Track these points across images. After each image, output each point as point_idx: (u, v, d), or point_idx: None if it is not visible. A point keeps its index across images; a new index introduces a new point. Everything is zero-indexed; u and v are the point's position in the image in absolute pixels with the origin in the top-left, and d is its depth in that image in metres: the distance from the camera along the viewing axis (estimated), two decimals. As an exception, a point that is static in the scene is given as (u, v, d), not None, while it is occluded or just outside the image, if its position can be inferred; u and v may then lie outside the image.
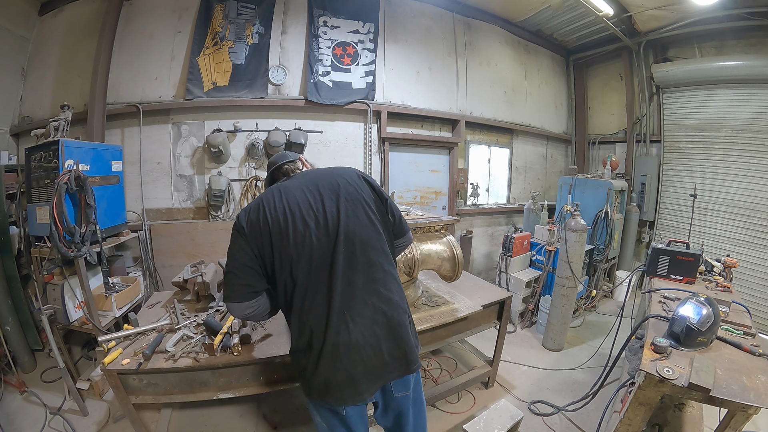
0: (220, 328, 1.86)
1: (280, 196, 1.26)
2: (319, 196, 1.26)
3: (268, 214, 1.22)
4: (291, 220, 1.21)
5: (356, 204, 1.27)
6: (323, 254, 1.20)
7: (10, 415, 2.41)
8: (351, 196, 1.28)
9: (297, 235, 1.20)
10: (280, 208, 1.23)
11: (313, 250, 1.20)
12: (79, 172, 2.34)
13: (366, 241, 1.25)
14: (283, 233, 1.20)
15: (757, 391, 1.39)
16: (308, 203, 1.24)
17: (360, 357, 1.19)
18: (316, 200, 1.25)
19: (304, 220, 1.21)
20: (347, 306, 1.19)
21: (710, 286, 2.44)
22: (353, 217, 1.25)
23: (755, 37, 4.08)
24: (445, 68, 4.62)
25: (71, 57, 3.51)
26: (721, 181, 4.36)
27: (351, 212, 1.25)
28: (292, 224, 1.21)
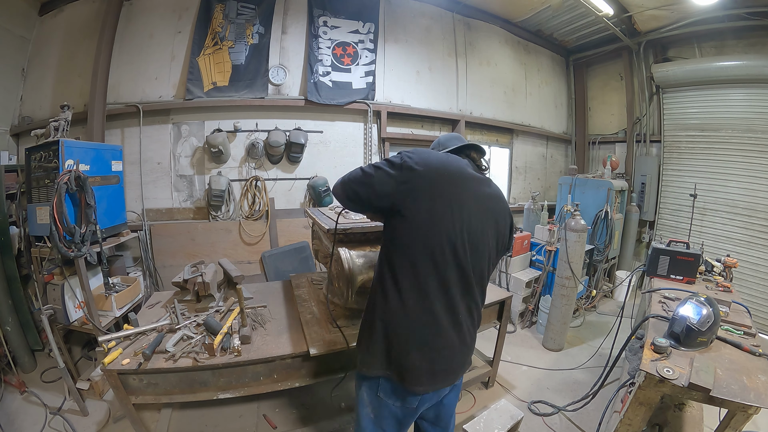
0: (220, 328, 1.86)
1: (465, 176, 1.22)
2: (488, 211, 1.26)
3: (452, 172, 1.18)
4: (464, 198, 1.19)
5: (493, 242, 1.30)
6: (462, 247, 1.18)
7: (10, 415, 2.41)
8: (496, 233, 1.30)
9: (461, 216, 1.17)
10: (460, 178, 1.20)
11: (458, 237, 1.17)
12: (79, 172, 2.33)
13: (483, 270, 1.29)
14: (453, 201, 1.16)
15: (757, 391, 1.39)
16: (475, 212, 1.22)
17: (453, 356, 1.25)
18: (485, 212, 1.25)
19: (472, 213, 1.20)
20: (462, 304, 1.23)
21: (710, 286, 2.44)
22: (486, 252, 1.27)
23: (755, 37, 4.08)
24: (445, 68, 4.62)
25: (71, 57, 3.51)
26: (721, 181, 4.36)
27: (489, 247, 1.28)
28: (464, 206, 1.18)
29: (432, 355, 1.20)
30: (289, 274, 2.96)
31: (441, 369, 1.23)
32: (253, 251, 3.81)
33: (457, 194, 1.17)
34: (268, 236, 3.83)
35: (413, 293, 1.17)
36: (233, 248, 3.74)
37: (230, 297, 2.32)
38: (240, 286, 1.95)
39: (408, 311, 1.17)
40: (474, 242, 1.20)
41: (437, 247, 1.15)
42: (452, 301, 1.19)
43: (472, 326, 1.30)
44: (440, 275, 1.17)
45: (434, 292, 1.17)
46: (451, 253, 1.16)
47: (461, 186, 1.19)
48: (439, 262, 1.16)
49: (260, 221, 3.81)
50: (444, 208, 1.15)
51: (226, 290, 2.46)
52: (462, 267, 1.19)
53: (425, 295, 1.17)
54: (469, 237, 1.19)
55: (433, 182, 1.15)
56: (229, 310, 2.17)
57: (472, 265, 1.21)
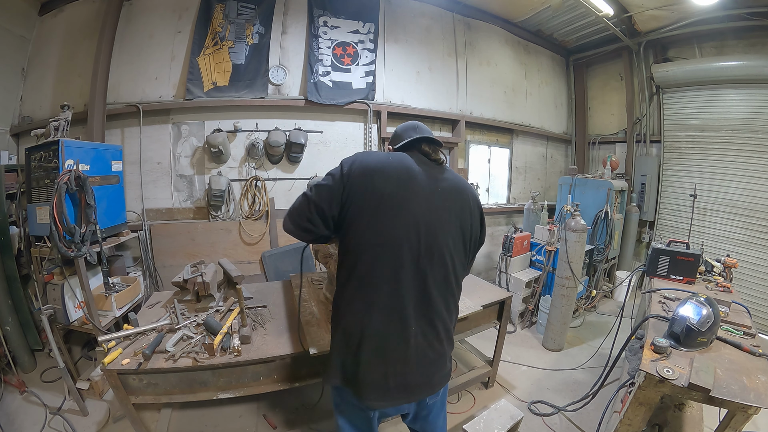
0: (220, 328, 1.86)
1: (412, 171, 1.15)
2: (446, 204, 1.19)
3: (393, 174, 1.12)
4: (411, 197, 1.12)
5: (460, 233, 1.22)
6: (416, 248, 1.13)
7: (10, 415, 2.41)
8: (462, 225, 1.23)
9: (407, 216, 1.11)
10: (405, 181, 1.13)
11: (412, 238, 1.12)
12: (79, 172, 2.33)
13: (447, 267, 1.20)
14: (395, 201, 1.11)
15: (757, 392, 1.39)
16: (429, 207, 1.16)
17: (407, 372, 1.17)
18: (438, 211, 1.18)
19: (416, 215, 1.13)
20: (420, 314, 1.15)
21: (710, 286, 2.44)
22: (452, 244, 1.20)
23: (755, 37, 4.08)
24: (445, 68, 4.62)
25: (71, 57, 3.51)
26: (720, 181, 4.36)
27: (456, 238, 1.21)
28: (407, 203, 1.12)
29: (384, 370, 1.14)
30: (289, 274, 2.96)
31: (395, 385, 1.16)
32: (253, 251, 3.81)
33: (403, 196, 1.12)
34: (268, 236, 3.83)
35: (364, 307, 1.13)
36: (233, 248, 3.74)
37: (230, 297, 2.32)
38: (240, 286, 1.95)
39: (359, 325, 1.14)
40: (429, 246, 1.14)
41: (387, 256, 1.10)
42: (405, 313, 1.13)
43: (435, 339, 1.19)
44: (392, 286, 1.12)
45: (386, 305, 1.12)
46: (401, 262, 1.11)
47: (408, 187, 1.13)
48: (390, 273, 1.11)
49: (260, 221, 3.81)
50: (389, 212, 1.10)
51: (226, 290, 2.46)
52: (417, 275, 1.13)
53: (377, 309, 1.12)
54: (425, 240, 1.13)
55: (374, 186, 1.10)
56: (229, 310, 2.17)
57: (430, 271, 1.14)
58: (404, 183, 1.13)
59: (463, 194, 1.25)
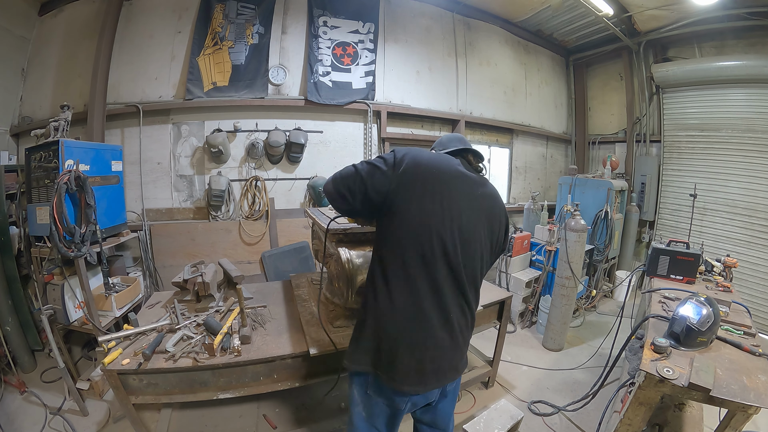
0: (220, 329, 1.86)
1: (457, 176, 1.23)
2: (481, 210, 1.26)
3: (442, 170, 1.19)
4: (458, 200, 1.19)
5: (486, 240, 1.29)
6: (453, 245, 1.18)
7: (10, 415, 2.41)
8: (490, 232, 1.30)
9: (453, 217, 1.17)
10: (451, 182, 1.20)
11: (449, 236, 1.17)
12: (79, 172, 2.33)
13: (476, 270, 1.28)
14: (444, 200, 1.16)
15: (757, 391, 1.39)
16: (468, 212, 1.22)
17: (443, 357, 1.22)
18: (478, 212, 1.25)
19: (465, 213, 1.20)
20: (454, 304, 1.21)
21: (710, 286, 2.44)
22: (478, 251, 1.26)
23: (755, 37, 4.08)
24: (445, 68, 4.62)
25: (71, 57, 3.51)
26: (721, 181, 4.36)
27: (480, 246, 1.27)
28: (455, 206, 1.18)
29: (421, 355, 1.19)
30: (289, 274, 2.96)
31: (430, 369, 1.21)
32: (253, 251, 3.81)
33: (447, 192, 1.18)
34: (268, 236, 3.83)
35: (403, 292, 1.17)
36: (233, 248, 3.74)
37: (230, 297, 2.32)
38: (240, 286, 1.95)
39: (397, 310, 1.17)
40: (465, 241, 1.20)
41: (427, 245, 1.15)
42: (443, 300, 1.19)
43: (465, 327, 1.29)
44: (431, 274, 1.16)
45: (424, 290, 1.17)
46: (441, 252, 1.16)
47: (452, 185, 1.20)
48: (429, 261, 1.16)
49: (260, 221, 3.81)
50: (434, 206, 1.15)
51: (226, 290, 2.46)
52: (453, 266, 1.18)
53: (415, 294, 1.16)
54: (460, 235, 1.19)
55: (424, 180, 1.16)
56: (229, 310, 2.17)
57: (463, 264, 1.20)
58: (451, 181, 1.20)
59: (495, 201, 1.34)
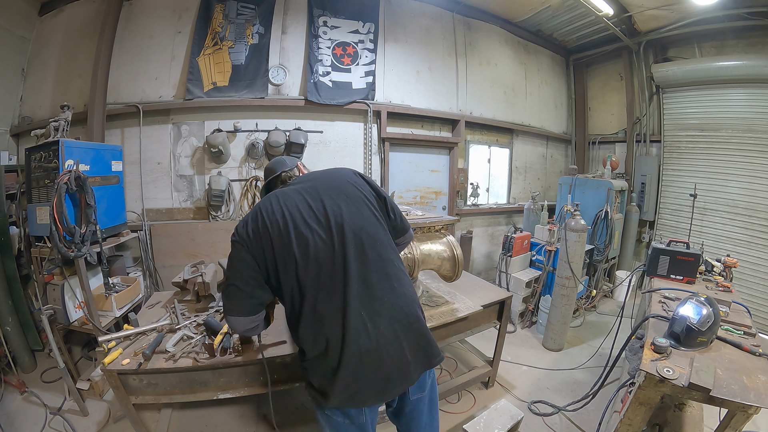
0: (220, 328, 1.86)
1: (278, 201, 1.23)
2: (318, 197, 1.23)
3: (267, 221, 1.18)
4: (292, 224, 1.17)
5: (358, 202, 1.25)
6: (331, 255, 1.16)
7: (11, 415, 2.41)
8: (352, 195, 1.25)
9: (300, 239, 1.16)
10: (278, 213, 1.19)
11: (318, 252, 1.16)
12: (79, 172, 2.33)
13: (374, 237, 1.22)
14: (284, 238, 1.16)
15: (757, 391, 1.39)
16: (308, 205, 1.21)
17: (383, 359, 1.15)
18: (316, 201, 1.22)
19: (306, 223, 1.18)
20: (364, 306, 1.15)
21: (710, 286, 2.44)
22: (357, 214, 1.22)
23: (755, 37, 4.08)
24: (445, 68, 4.62)
25: (71, 57, 3.51)
26: (721, 181, 4.36)
27: (355, 210, 1.22)
28: (294, 228, 1.17)
29: (359, 367, 1.14)
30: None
31: (381, 377, 1.16)
32: (253, 251, 3.80)
33: (280, 226, 1.17)
34: (268, 236, 3.83)
35: (308, 331, 1.17)
36: (233, 248, 3.73)
37: (230, 297, 2.32)
38: (240, 286, 1.95)
39: (314, 351, 1.17)
40: (328, 223, 1.18)
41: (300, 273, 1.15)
42: (353, 303, 1.14)
43: (390, 309, 1.19)
44: (337, 304, 1.14)
45: (325, 314, 1.15)
46: (314, 265, 1.15)
47: (277, 217, 1.19)
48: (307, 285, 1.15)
49: (260, 221, 3.81)
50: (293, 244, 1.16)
51: (226, 290, 2.45)
52: (342, 262, 1.15)
53: (318, 326, 1.15)
54: (338, 242, 1.16)
55: (270, 237, 1.17)
56: (229, 310, 2.17)
57: (353, 242, 1.17)
58: (281, 212, 1.20)
59: (329, 177, 1.31)
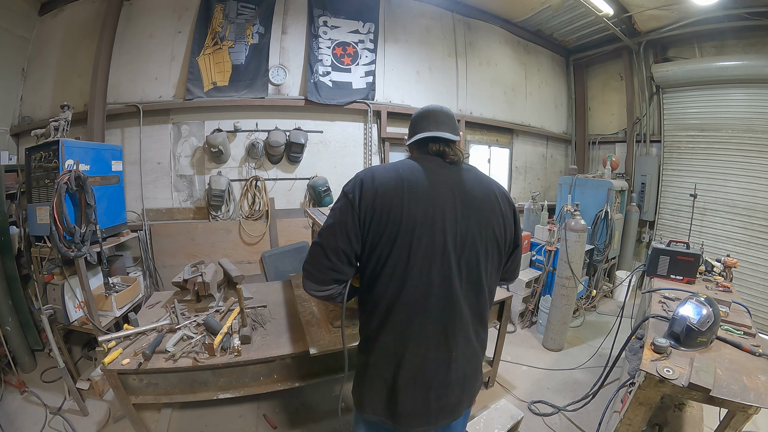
0: (220, 328, 1.86)
1: (427, 178, 1.07)
2: (467, 214, 1.09)
3: (407, 188, 1.04)
4: (433, 221, 1.04)
5: (492, 242, 1.13)
6: (447, 267, 1.06)
7: (10, 415, 2.41)
8: (491, 232, 1.12)
9: (432, 241, 1.04)
10: (424, 194, 1.05)
11: (439, 258, 1.06)
12: (79, 172, 2.33)
13: (481, 279, 1.13)
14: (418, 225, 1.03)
15: (757, 391, 1.39)
16: (454, 217, 1.07)
17: (449, 393, 1.13)
18: (463, 218, 1.08)
19: (444, 231, 1.06)
20: (458, 334, 1.11)
21: (710, 286, 2.44)
22: (484, 256, 1.12)
23: (755, 37, 4.08)
24: (445, 68, 4.62)
25: (71, 57, 3.51)
26: (720, 181, 4.35)
27: (482, 251, 1.12)
28: (433, 228, 1.04)
29: (425, 395, 1.11)
30: (289, 274, 2.96)
31: (436, 408, 1.13)
32: (253, 251, 3.81)
33: (421, 215, 1.04)
34: (268, 236, 3.83)
35: (396, 335, 1.09)
36: (233, 248, 3.74)
37: (230, 297, 2.32)
38: (240, 286, 1.95)
39: (395, 354, 1.09)
40: (459, 262, 1.08)
41: (414, 279, 1.05)
42: (441, 335, 1.09)
43: (473, 355, 1.18)
44: (426, 309, 1.07)
45: (420, 328, 1.08)
46: (431, 282, 1.06)
47: (422, 204, 1.05)
48: (420, 295, 1.06)
49: (260, 221, 3.81)
50: (410, 235, 1.03)
51: (226, 290, 2.46)
52: (451, 294, 1.08)
53: (411, 334, 1.08)
54: (454, 258, 1.07)
55: (390, 210, 1.03)
56: (229, 310, 2.17)
57: (463, 289, 1.10)
58: (420, 200, 1.05)
59: (488, 195, 1.14)
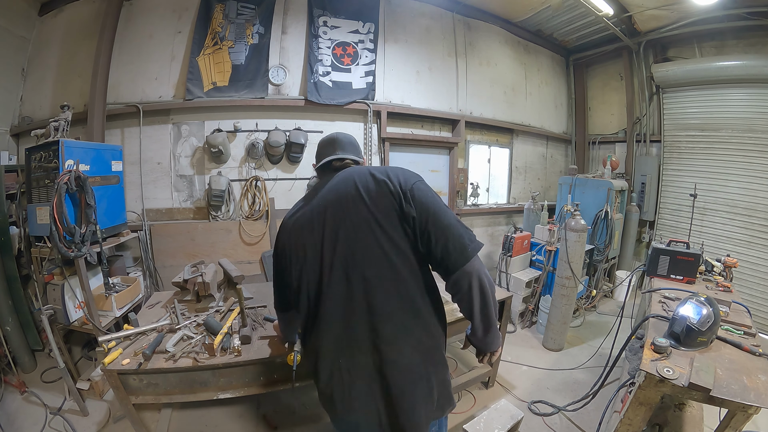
0: (220, 328, 1.86)
1: (310, 200, 1.16)
2: (322, 217, 1.08)
3: (298, 219, 1.14)
4: (305, 234, 1.10)
5: (362, 227, 1.03)
6: (317, 286, 1.07)
7: (11, 415, 2.41)
8: (355, 217, 1.03)
9: (300, 257, 1.10)
10: (305, 217, 1.12)
11: (309, 282, 1.09)
12: (79, 172, 2.33)
13: (370, 278, 1.01)
14: (298, 248, 1.11)
15: (757, 391, 1.39)
16: (311, 225, 1.10)
17: (357, 420, 1.08)
18: (318, 222, 1.08)
19: (305, 245, 1.10)
20: (341, 355, 1.07)
21: (710, 286, 2.44)
22: (354, 248, 1.03)
23: (755, 37, 4.08)
24: (445, 68, 4.62)
25: (71, 57, 3.51)
26: (721, 181, 4.35)
27: (353, 241, 1.03)
28: (302, 241, 1.10)
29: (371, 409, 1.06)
30: (289, 274, 2.96)
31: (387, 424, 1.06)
32: (253, 251, 3.81)
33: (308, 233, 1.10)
34: (268, 236, 3.83)
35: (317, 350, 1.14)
36: (233, 248, 3.74)
37: (230, 297, 2.32)
38: (240, 286, 1.95)
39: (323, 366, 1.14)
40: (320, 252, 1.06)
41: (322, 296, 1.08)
42: (329, 345, 1.09)
43: (387, 366, 1.02)
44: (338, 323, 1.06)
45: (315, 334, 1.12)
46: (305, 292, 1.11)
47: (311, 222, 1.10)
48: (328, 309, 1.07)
49: (260, 221, 3.81)
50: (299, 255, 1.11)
51: (226, 290, 2.46)
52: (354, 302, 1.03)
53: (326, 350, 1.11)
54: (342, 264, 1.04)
55: (288, 239, 1.14)
56: (229, 310, 2.17)
57: (340, 281, 1.04)
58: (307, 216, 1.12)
59: (345, 191, 1.07)
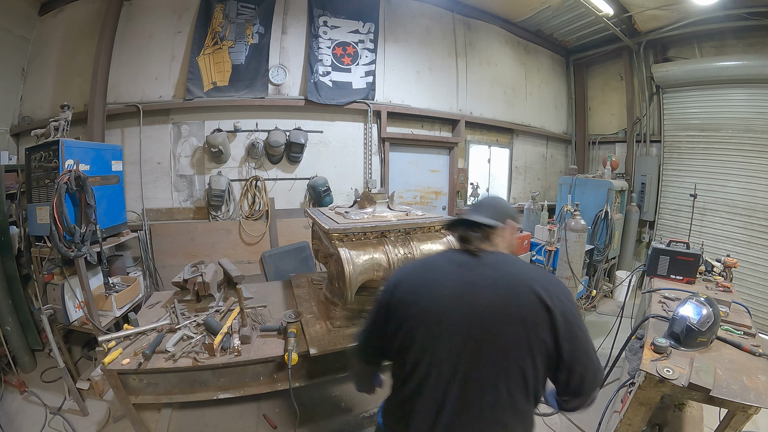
0: (220, 328, 1.86)
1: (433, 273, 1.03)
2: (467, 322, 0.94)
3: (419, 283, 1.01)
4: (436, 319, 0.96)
5: (505, 352, 0.94)
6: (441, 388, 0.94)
7: (10, 415, 2.41)
8: (504, 339, 0.94)
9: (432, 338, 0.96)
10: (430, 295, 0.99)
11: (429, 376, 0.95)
12: (79, 172, 2.33)
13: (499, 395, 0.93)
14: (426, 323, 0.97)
15: (757, 391, 1.39)
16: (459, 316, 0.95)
17: None
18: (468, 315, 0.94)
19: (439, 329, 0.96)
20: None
21: (710, 286, 2.44)
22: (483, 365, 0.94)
23: (755, 37, 4.08)
24: (445, 68, 4.62)
25: (71, 57, 3.51)
26: (720, 181, 4.36)
27: (486, 359, 0.93)
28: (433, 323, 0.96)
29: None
30: (289, 274, 2.96)
31: None
32: (253, 251, 3.81)
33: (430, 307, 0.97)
34: (268, 236, 3.83)
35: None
36: (233, 248, 3.74)
37: (230, 297, 2.32)
38: (240, 286, 1.95)
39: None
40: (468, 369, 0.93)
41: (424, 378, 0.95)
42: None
43: None
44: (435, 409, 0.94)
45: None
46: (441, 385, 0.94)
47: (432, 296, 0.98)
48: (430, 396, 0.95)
49: (260, 221, 3.81)
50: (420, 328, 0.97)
51: (226, 290, 2.46)
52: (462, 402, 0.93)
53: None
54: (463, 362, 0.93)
55: (405, 302, 1.01)
56: (229, 310, 2.17)
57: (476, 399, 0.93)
58: (430, 292, 0.99)
59: (515, 290, 0.96)
